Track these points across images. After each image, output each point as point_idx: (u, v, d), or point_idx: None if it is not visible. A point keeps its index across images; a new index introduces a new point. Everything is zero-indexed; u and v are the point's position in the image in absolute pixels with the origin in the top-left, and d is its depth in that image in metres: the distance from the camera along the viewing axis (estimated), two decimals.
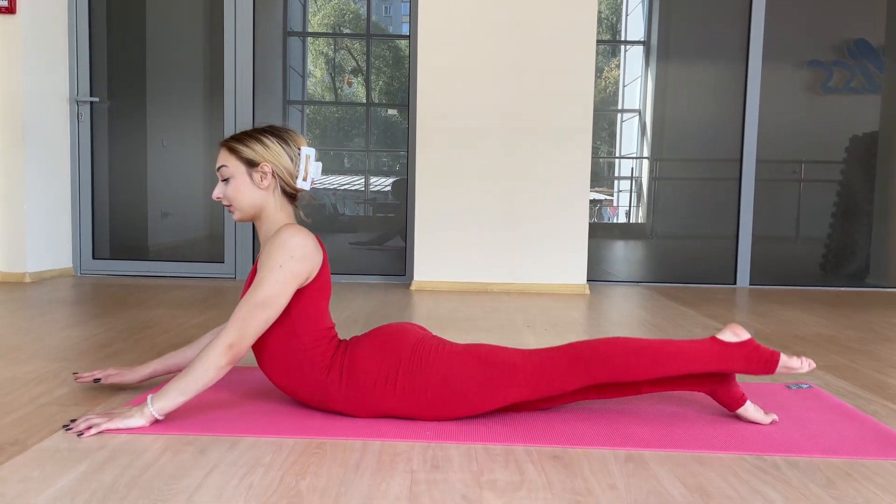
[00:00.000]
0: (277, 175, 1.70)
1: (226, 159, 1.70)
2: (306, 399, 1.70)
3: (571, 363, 1.61)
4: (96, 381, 1.83)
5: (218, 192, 1.72)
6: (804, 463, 1.48)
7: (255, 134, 1.71)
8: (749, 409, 1.70)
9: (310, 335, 1.64)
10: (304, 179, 1.71)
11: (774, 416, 1.71)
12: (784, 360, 1.65)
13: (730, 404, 1.71)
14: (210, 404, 1.77)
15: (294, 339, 1.64)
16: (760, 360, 1.64)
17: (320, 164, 1.75)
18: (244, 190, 1.69)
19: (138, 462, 1.41)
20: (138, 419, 1.57)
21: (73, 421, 1.60)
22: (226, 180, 1.70)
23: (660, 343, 1.65)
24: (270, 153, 1.69)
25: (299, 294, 1.63)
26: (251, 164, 1.69)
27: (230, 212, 1.73)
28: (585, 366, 1.61)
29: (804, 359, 1.67)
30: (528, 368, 1.62)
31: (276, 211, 1.71)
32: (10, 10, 3.89)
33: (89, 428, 1.55)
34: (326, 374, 1.65)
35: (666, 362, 1.61)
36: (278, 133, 1.71)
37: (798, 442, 1.59)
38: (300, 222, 1.76)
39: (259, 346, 1.68)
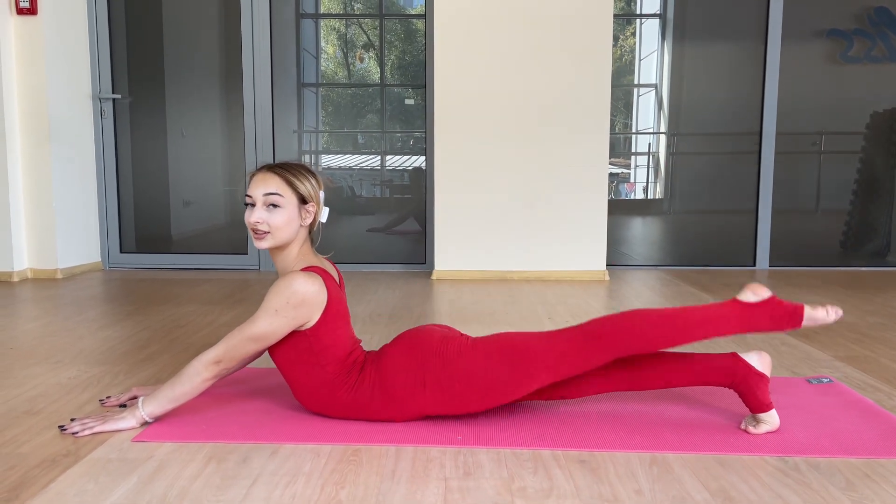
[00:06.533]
0: (314, 213, 1.76)
1: (281, 188, 1.70)
2: (343, 416, 1.77)
3: (593, 340, 1.65)
4: (122, 406, 1.90)
5: (260, 217, 1.69)
6: (824, 464, 1.52)
7: (304, 171, 1.75)
8: (772, 417, 1.68)
9: (334, 364, 1.71)
10: (323, 218, 1.80)
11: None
12: (809, 311, 1.64)
13: (753, 406, 1.69)
14: (249, 410, 1.85)
15: (319, 370, 1.71)
16: (784, 315, 1.64)
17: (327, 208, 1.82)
18: (291, 222, 1.71)
19: (186, 472, 1.48)
20: (129, 420, 1.71)
21: (72, 420, 1.73)
22: (271, 206, 1.69)
23: (680, 310, 1.67)
24: (317, 195, 1.76)
25: (316, 332, 1.68)
26: (303, 201, 1.73)
27: (258, 238, 1.70)
28: (607, 341, 1.64)
29: (829, 308, 1.65)
30: (550, 349, 1.66)
31: (299, 245, 1.76)
32: (32, 11, 3.94)
33: (84, 429, 1.69)
34: (356, 392, 1.72)
35: (688, 329, 1.63)
36: (315, 173, 1.78)
37: (819, 442, 1.63)
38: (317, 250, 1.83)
39: (289, 381, 1.76)
